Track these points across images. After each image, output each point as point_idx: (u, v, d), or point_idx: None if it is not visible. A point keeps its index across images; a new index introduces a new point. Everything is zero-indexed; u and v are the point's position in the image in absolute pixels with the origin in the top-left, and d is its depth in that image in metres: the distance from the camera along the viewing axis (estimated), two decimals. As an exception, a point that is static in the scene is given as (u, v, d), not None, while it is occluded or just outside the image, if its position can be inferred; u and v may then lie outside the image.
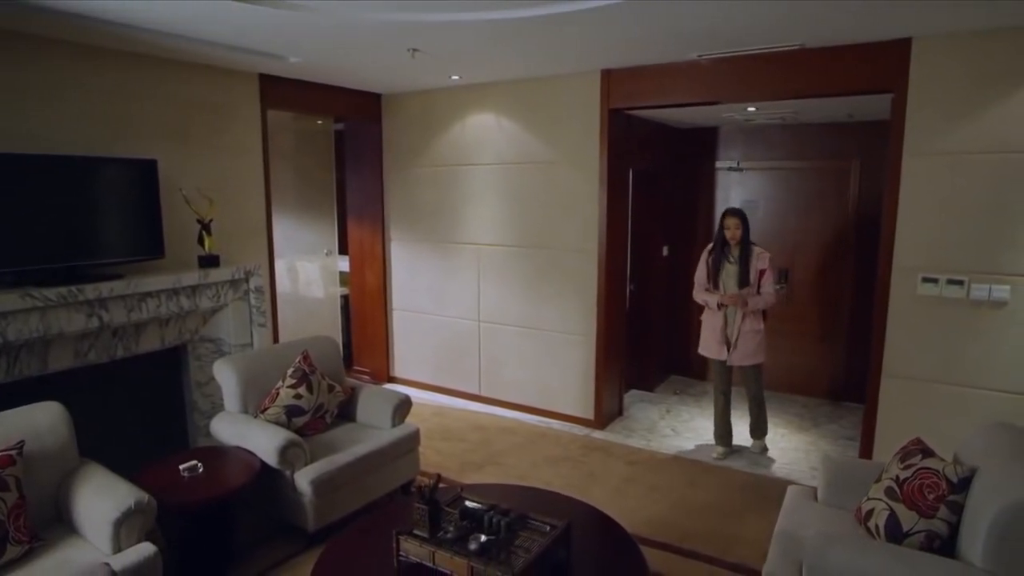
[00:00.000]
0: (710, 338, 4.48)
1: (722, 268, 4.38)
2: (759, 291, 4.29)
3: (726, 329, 4.39)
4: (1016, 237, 3.51)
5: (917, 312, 3.81)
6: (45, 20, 3.23)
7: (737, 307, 4.30)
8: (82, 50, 3.69)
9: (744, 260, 4.29)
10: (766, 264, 4.30)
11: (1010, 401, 3.58)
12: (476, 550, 2.18)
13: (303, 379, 3.73)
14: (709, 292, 4.44)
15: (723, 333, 4.40)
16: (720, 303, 4.35)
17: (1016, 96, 3.45)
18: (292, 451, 3.28)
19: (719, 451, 4.57)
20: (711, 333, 4.47)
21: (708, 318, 4.51)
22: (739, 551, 3.30)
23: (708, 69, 4.26)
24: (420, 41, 3.83)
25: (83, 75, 3.72)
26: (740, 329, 4.34)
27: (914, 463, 2.56)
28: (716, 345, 4.44)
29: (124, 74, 3.91)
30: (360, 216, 6.22)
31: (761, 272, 4.28)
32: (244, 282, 4.41)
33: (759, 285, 4.29)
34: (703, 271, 4.48)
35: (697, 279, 4.53)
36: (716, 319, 4.42)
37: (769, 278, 4.30)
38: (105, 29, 3.40)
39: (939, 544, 2.36)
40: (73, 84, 3.68)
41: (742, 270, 4.29)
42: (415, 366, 6.08)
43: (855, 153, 5.45)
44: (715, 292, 4.40)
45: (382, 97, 5.86)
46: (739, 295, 4.28)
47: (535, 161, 5.09)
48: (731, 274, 4.34)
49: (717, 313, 4.41)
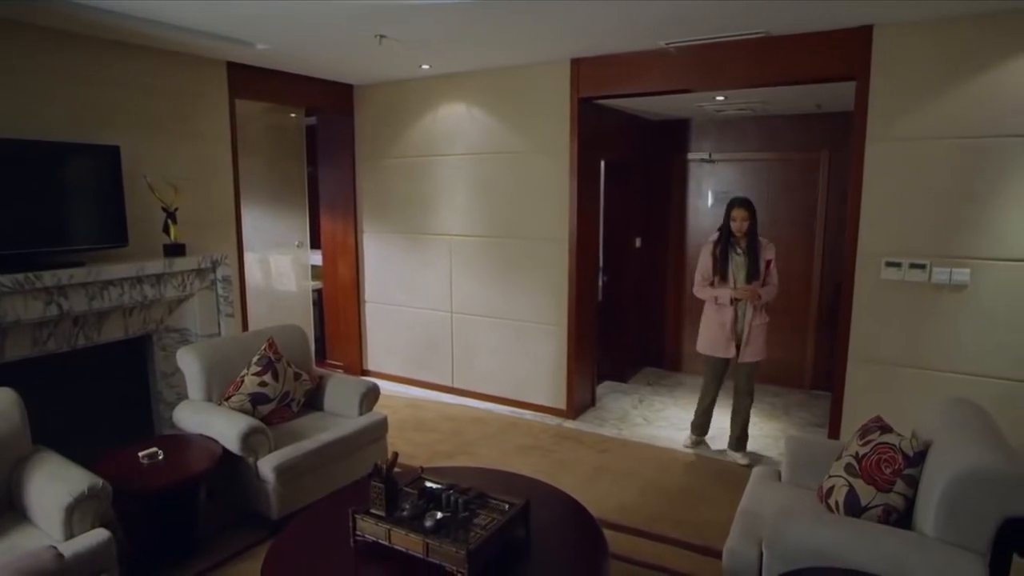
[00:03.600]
0: (718, 335, 4.16)
1: (731, 260, 4.10)
2: (764, 283, 4.09)
3: (736, 325, 4.11)
4: (974, 221, 3.56)
5: (881, 297, 3.85)
6: (2, 2, 3.17)
7: (750, 301, 4.06)
8: (41, 33, 3.62)
9: (754, 252, 4.06)
10: (773, 255, 4.12)
11: (971, 382, 3.62)
12: (432, 527, 2.16)
13: (268, 367, 3.68)
14: (717, 286, 4.14)
15: (733, 329, 4.11)
16: (735, 297, 4.07)
17: (973, 83, 3.50)
18: (255, 438, 3.24)
19: (692, 439, 4.50)
20: (719, 330, 4.15)
21: (715, 314, 4.18)
22: (707, 534, 3.31)
23: (676, 57, 4.28)
24: (387, 27, 3.81)
25: (42, 59, 3.65)
26: (751, 324, 4.09)
27: (872, 439, 2.58)
28: (725, 342, 4.13)
29: (85, 58, 3.84)
30: (333, 209, 6.18)
31: (768, 263, 4.09)
32: (211, 271, 4.36)
33: (765, 277, 4.09)
34: (708, 264, 4.17)
35: (700, 273, 4.22)
36: (725, 315, 4.12)
37: (774, 268, 4.11)
38: (65, 11, 3.34)
39: (896, 517, 2.38)
40: (32, 68, 3.61)
41: (752, 262, 4.05)
42: (388, 359, 6.04)
43: (824, 144, 5.51)
44: (725, 286, 4.11)
45: (354, 88, 5.82)
46: (753, 289, 4.04)
47: (506, 151, 5.09)
48: (740, 266, 4.07)
49: (726, 308, 4.10)
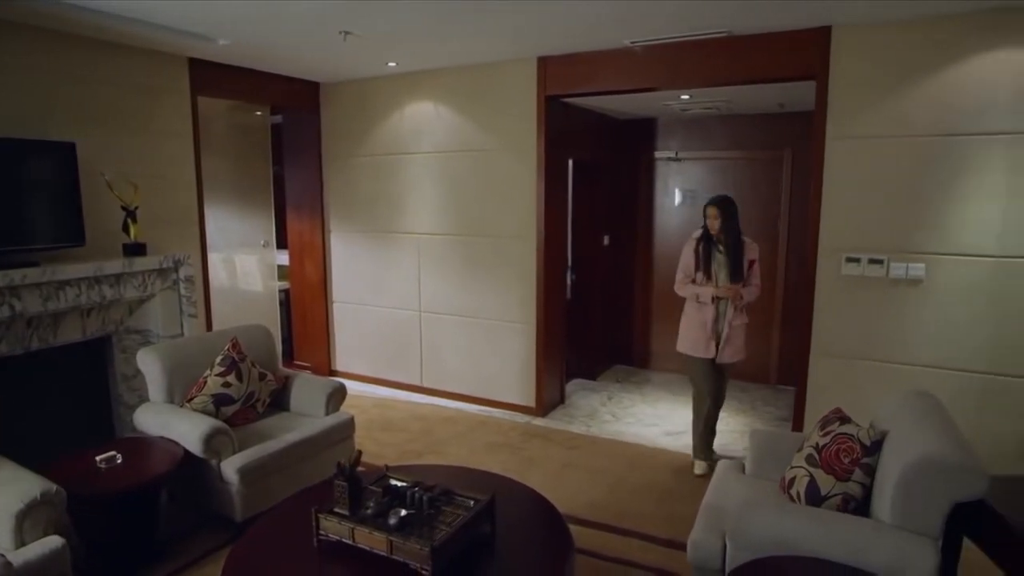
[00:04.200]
0: (699, 334, 4.03)
1: (713, 259, 4.00)
2: (746, 283, 3.98)
3: (717, 324, 4.01)
4: (929, 217, 3.66)
5: (842, 292, 3.93)
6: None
7: (731, 300, 3.96)
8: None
9: (737, 251, 3.95)
10: (756, 255, 4.02)
11: (927, 374, 3.72)
12: (396, 524, 2.14)
13: (232, 367, 3.62)
14: (699, 284, 4.03)
15: (714, 328, 4.00)
16: (716, 296, 3.96)
17: (927, 83, 3.59)
18: (217, 439, 3.18)
19: (703, 466, 4.06)
20: (700, 329, 4.02)
21: (695, 313, 4.06)
22: (674, 528, 3.34)
23: (641, 56, 4.32)
24: (351, 23, 3.78)
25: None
26: (731, 324, 3.99)
27: (832, 430, 2.64)
28: (706, 342, 4.01)
29: (38, 52, 3.73)
30: (299, 208, 6.11)
31: (751, 263, 4.00)
32: (173, 271, 4.28)
33: (748, 277, 3.99)
34: (690, 261, 4.07)
35: (682, 270, 4.11)
36: (706, 313, 4.00)
37: (757, 269, 4.03)
38: (15, 2, 3.24)
39: (855, 505, 2.43)
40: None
41: (734, 261, 3.95)
42: (357, 359, 5.99)
43: (787, 143, 5.61)
44: (707, 284, 4.00)
45: (320, 86, 5.76)
46: (736, 287, 3.93)
47: (474, 149, 5.08)
48: (722, 265, 3.97)
49: (708, 307, 3.99)
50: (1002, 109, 3.44)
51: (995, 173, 3.49)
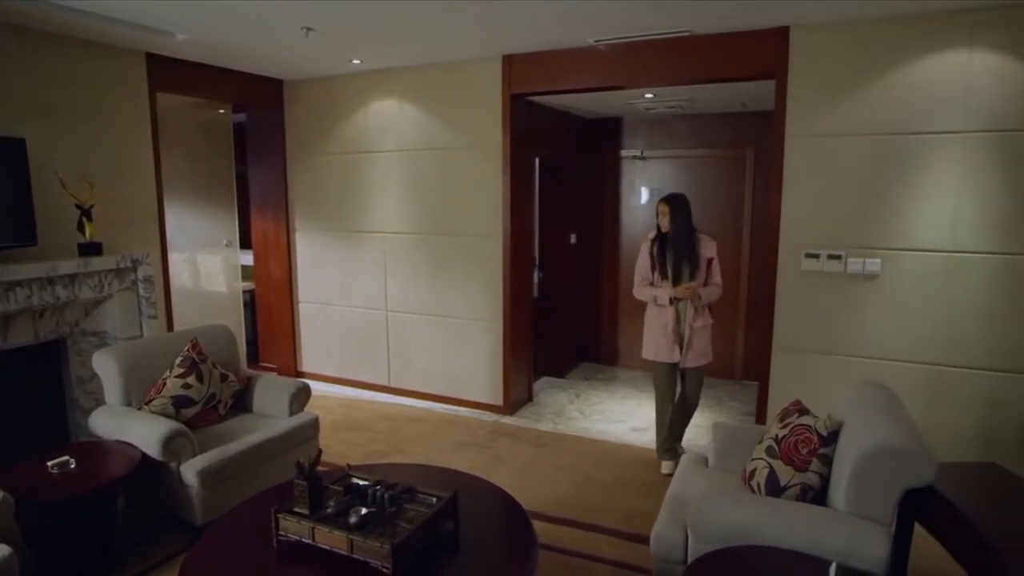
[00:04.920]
0: (661, 339, 3.92)
1: (668, 258, 3.90)
2: (706, 282, 3.91)
3: (679, 327, 3.91)
4: (885, 213, 3.75)
5: (802, 287, 4.01)
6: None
7: (690, 301, 3.86)
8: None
9: (692, 248, 3.85)
10: (714, 252, 3.91)
11: (884, 367, 3.81)
12: (356, 523, 2.12)
13: (192, 368, 3.55)
14: (657, 286, 3.93)
15: (676, 332, 3.89)
16: (674, 297, 3.86)
17: (881, 82, 3.68)
18: (177, 442, 3.11)
19: (669, 466, 4.00)
20: (662, 333, 3.92)
21: (656, 316, 3.95)
22: (639, 522, 3.37)
23: (605, 54, 4.35)
24: (313, 19, 3.73)
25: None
26: (692, 326, 3.89)
27: (791, 421, 2.68)
28: (669, 346, 3.90)
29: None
30: (263, 207, 6.02)
31: (709, 261, 3.89)
32: (131, 271, 4.19)
33: (707, 276, 3.91)
34: (645, 263, 3.96)
35: (639, 273, 4.01)
36: (666, 316, 3.90)
37: (716, 267, 3.93)
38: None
39: (812, 495, 2.48)
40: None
41: (691, 259, 3.85)
42: (323, 359, 5.92)
43: (750, 141, 5.70)
44: (665, 285, 3.90)
45: (284, 83, 5.69)
46: (694, 287, 3.83)
47: (439, 147, 5.06)
48: (679, 263, 3.87)
49: (667, 309, 3.89)
50: (952, 109, 3.54)
51: (947, 171, 3.59)
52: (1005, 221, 3.50)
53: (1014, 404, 3.56)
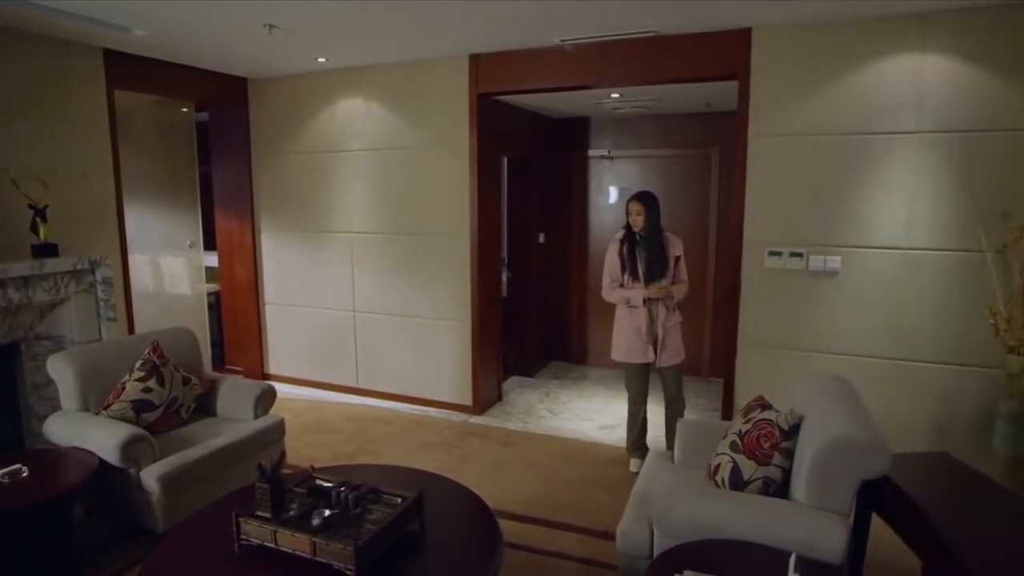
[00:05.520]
0: (634, 340, 3.88)
1: (639, 258, 3.87)
2: (674, 281, 3.90)
3: (652, 327, 3.87)
4: (844, 211, 3.83)
5: (765, 284, 4.07)
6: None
7: (663, 300, 3.85)
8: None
9: (660, 247, 3.84)
10: (681, 251, 3.91)
11: (845, 362, 3.89)
12: (319, 525, 2.10)
13: (153, 372, 3.47)
14: (628, 287, 3.89)
15: (649, 332, 3.86)
16: (648, 297, 3.83)
17: (841, 83, 3.76)
18: (136, 447, 3.04)
19: (637, 463, 4.01)
20: (635, 334, 3.87)
21: (628, 318, 3.91)
22: (606, 519, 3.39)
23: (572, 54, 4.37)
24: (275, 16, 3.68)
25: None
26: (665, 325, 3.86)
27: (753, 416, 2.72)
28: (643, 347, 3.86)
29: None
30: (227, 207, 5.92)
31: (676, 259, 3.89)
32: (89, 273, 4.08)
33: (675, 274, 3.90)
34: (615, 264, 3.91)
35: (608, 274, 3.96)
36: (639, 317, 3.86)
37: (683, 265, 3.93)
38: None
39: (775, 488, 2.51)
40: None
41: (660, 259, 3.84)
42: (291, 361, 5.85)
43: (715, 141, 5.78)
44: (636, 286, 3.87)
45: (248, 81, 5.60)
46: (666, 286, 3.83)
47: (406, 147, 5.04)
48: (649, 264, 3.84)
49: (640, 310, 3.85)
50: (905, 110, 3.64)
51: (901, 170, 3.68)
52: (956, 219, 3.60)
53: (965, 396, 3.67)
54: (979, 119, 3.51)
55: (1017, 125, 3.44)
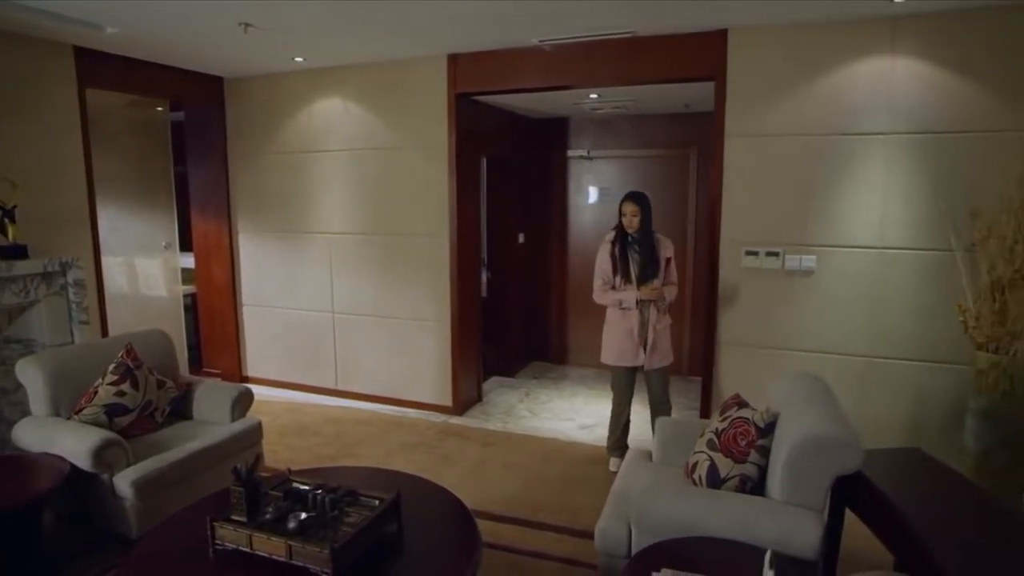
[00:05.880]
0: (626, 343, 3.83)
1: (631, 260, 3.82)
2: (665, 282, 3.86)
3: (643, 330, 3.83)
4: (819, 211, 3.88)
5: (743, 283, 4.11)
6: None
7: (655, 302, 3.81)
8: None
9: (651, 249, 3.80)
10: (672, 252, 3.88)
11: (820, 359, 3.94)
12: (295, 528, 2.08)
13: (127, 375, 3.42)
14: (620, 289, 3.84)
15: (640, 335, 3.82)
16: (640, 298, 3.78)
17: (815, 84, 3.81)
18: (109, 452, 2.99)
19: (617, 462, 3.99)
20: (626, 337, 3.83)
21: (620, 320, 3.86)
22: (585, 518, 3.39)
23: (550, 55, 4.38)
24: (251, 15, 3.65)
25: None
26: (656, 327, 3.82)
27: (730, 414, 2.74)
28: (634, 349, 3.82)
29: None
30: (204, 208, 5.84)
31: (667, 261, 3.86)
32: (61, 275, 4.01)
33: (666, 276, 3.86)
34: (606, 266, 3.85)
35: (600, 276, 3.89)
36: (631, 320, 3.81)
37: (674, 266, 3.90)
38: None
39: (751, 485, 2.54)
40: None
41: (651, 261, 3.79)
42: (269, 363, 5.79)
43: (693, 141, 5.82)
44: (628, 288, 3.83)
45: (224, 81, 5.54)
46: (659, 288, 3.79)
47: (384, 147, 5.01)
48: (641, 265, 3.80)
49: (631, 312, 3.80)
50: (877, 111, 3.69)
51: (874, 171, 3.74)
52: (927, 219, 3.66)
53: (937, 392, 3.74)
54: (948, 121, 3.57)
55: (983, 127, 3.51)
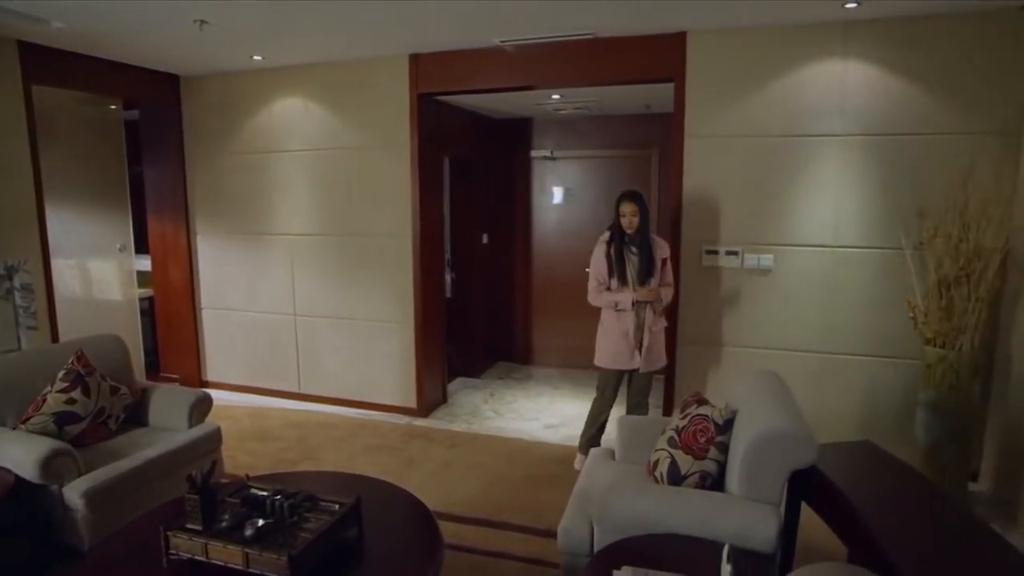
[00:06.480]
0: (621, 345, 3.76)
1: (627, 261, 3.75)
2: (661, 283, 3.80)
3: (639, 332, 3.76)
4: (777, 211, 3.96)
5: (703, 282, 4.17)
6: None
7: (651, 304, 3.75)
8: None
9: (647, 249, 3.72)
10: (667, 253, 3.82)
11: (778, 356, 4.02)
12: (252, 536, 2.04)
13: (78, 381, 3.32)
14: (615, 291, 3.77)
15: (636, 337, 3.75)
16: (637, 300, 3.71)
17: (771, 86, 3.89)
18: (58, 461, 2.89)
19: (582, 459, 3.97)
20: (622, 339, 3.75)
21: (615, 322, 3.78)
22: (549, 518, 3.39)
23: (512, 55, 4.38)
24: (206, 11, 3.57)
25: None
26: (651, 329, 3.76)
27: (690, 412, 2.78)
28: (629, 352, 3.75)
29: None
30: (161, 209, 5.70)
31: (663, 262, 3.79)
32: (6, 279, 3.90)
33: (662, 276, 3.79)
34: (602, 266, 3.76)
35: (595, 277, 3.80)
36: (627, 322, 3.73)
37: (670, 267, 3.85)
38: None
39: (711, 482, 2.57)
40: None
41: (647, 261, 3.72)
42: (229, 368, 5.68)
43: (655, 142, 5.89)
44: (624, 289, 3.75)
45: (181, 79, 5.41)
46: (656, 289, 3.72)
47: (346, 147, 4.96)
48: (635, 266, 3.73)
49: (627, 314, 3.72)
50: (831, 113, 3.79)
51: (829, 171, 3.83)
52: (879, 218, 3.77)
53: (888, 386, 3.85)
54: (897, 123, 3.68)
55: (930, 130, 3.63)
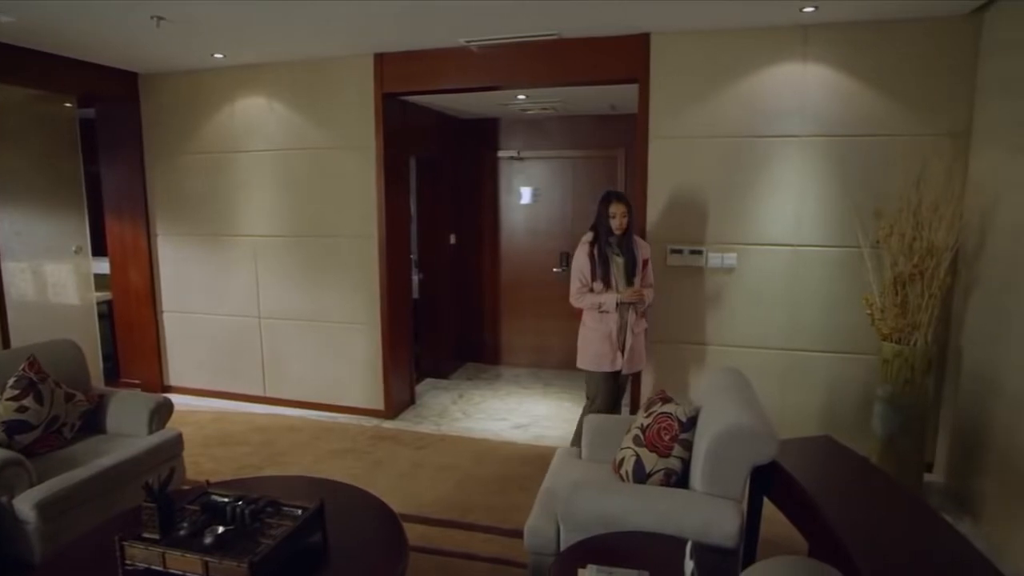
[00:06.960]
0: (604, 347, 3.71)
1: (611, 262, 3.70)
2: (643, 285, 3.77)
3: (622, 334, 3.73)
4: (739, 210, 4.02)
5: (668, 281, 4.21)
6: None
7: (634, 304, 3.72)
8: None
9: (631, 250, 3.70)
10: (648, 254, 3.81)
11: (743, 354, 4.08)
12: (212, 543, 2.00)
13: (29, 389, 3.22)
14: (600, 292, 3.71)
15: (619, 339, 3.71)
16: (621, 301, 3.67)
17: (733, 88, 3.94)
18: (8, 472, 2.79)
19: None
20: (605, 341, 3.70)
21: (598, 324, 3.73)
22: (516, 517, 3.40)
23: (477, 55, 4.37)
24: (163, 8, 3.49)
25: None
26: (635, 331, 3.75)
27: (655, 410, 2.81)
28: (612, 354, 3.71)
29: None
30: (119, 210, 5.56)
31: (645, 263, 3.77)
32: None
33: (643, 278, 3.77)
34: (586, 268, 3.71)
35: (579, 278, 3.74)
36: (610, 323, 3.69)
37: (651, 269, 3.82)
38: None
39: (675, 479, 2.60)
40: None
41: (630, 263, 3.70)
42: (192, 372, 5.56)
43: (620, 142, 5.93)
44: (607, 291, 3.70)
45: (139, 76, 5.29)
46: (640, 290, 3.70)
47: (310, 147, 4.90)
48: (620, 267, 3.69)
49: (611, 316, 3.68)
50: (791, 115, 3.86)
51: (789, 172, 3.90)
52: (838, 217, 3.85)
53: (847, 382, 3.94)
54: (854, 125, 3.77)
55: (885, 131, 3.72)
